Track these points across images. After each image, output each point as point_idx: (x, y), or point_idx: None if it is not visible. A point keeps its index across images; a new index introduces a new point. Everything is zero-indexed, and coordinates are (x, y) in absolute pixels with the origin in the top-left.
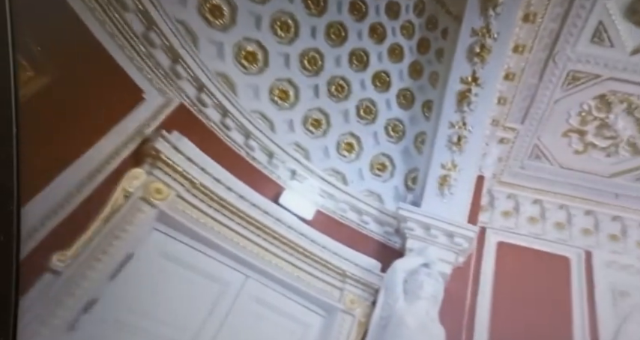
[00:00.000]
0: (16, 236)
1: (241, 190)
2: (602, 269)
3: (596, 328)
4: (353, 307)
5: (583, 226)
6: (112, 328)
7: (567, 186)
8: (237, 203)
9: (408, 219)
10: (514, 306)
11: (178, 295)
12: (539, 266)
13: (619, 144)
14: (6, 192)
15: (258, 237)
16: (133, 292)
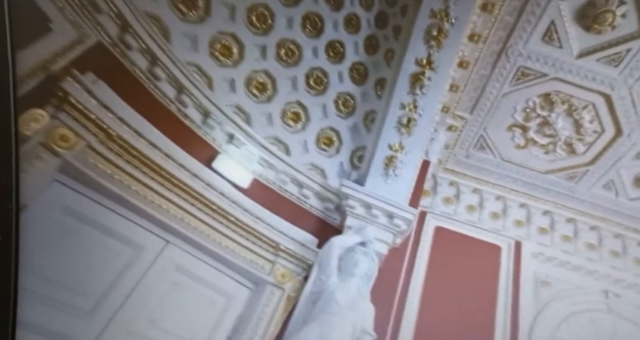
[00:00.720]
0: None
1: (168, 148)
2: (528, 260)
3: (517, 313)
4: (283, 281)
5: (516, 218)
6: None
7: (506, 178)
8: (162, 162)
9: (350, 196)
10: (445, 289)
11: (80, 255)
12: (472, 252)
13: (557, 143)
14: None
15: (185, 201)
16: (25, 249)
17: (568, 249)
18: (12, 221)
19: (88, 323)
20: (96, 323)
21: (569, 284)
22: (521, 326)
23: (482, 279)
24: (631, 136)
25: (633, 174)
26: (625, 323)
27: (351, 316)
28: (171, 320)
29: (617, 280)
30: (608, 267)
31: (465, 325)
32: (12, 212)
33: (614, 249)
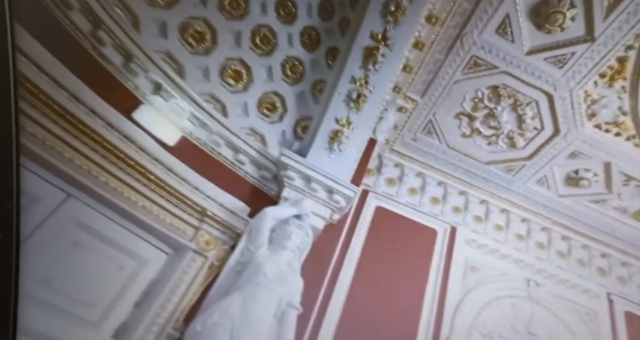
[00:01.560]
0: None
1: (77, 89)
2: (461, 245)
3: (445, 295)
4: (207, 248)
5: (455, 204)
6: None
7: (449, 165)
8: (68, 104)
9: (290, 167)
10: (378, 269)
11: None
12: (409, 234)
13: (500, 135)
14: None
15: (94, 152)
16: None
17: (499, 238)
18: (12, 220)
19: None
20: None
21: (495, 271)
22: (447, 307)
23: (416, 261)
24: (567, 137)
25: (565, 172)
26: (542, 310)
27: (279, 289)
28: (67, 282)
29: (540, 270)
30: (532, 258)
31: (394, 305)
32: (12, 211)
33: (540, 241)
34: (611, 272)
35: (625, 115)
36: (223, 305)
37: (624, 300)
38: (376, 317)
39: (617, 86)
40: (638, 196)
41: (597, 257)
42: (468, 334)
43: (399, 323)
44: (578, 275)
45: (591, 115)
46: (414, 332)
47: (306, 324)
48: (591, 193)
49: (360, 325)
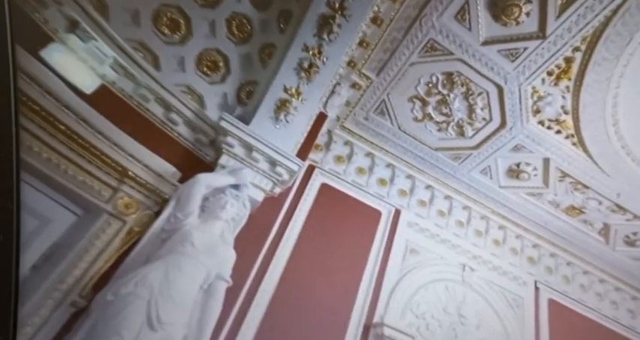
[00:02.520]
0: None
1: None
2: (404, 228)
3: (383, 275)
4: (127, 212)
5: (401, 187)
6: None
7: (399, 148)
8: None
9: (230, 133)
10: (319, 247)
11: None
12: (353, 214)
13: (450, 122)
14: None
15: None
16: None
17: (440, 223)
18: (13, 221)
19: None
20: None
21: (434, 255)
22: (384, 288)
23: (358, 241)
24: (512, 130)
25: (507, 164)
26: (473, 294)
27: (207, 260)
28: None
29: (475, 256)
30: (469, 244)
31: (331, 283)
32: (13, 212)
33: (478, 229)
34: (540, 261)
35: (567, 114)
36: (141, 273)
37: (549, 288)
38: (312, 295)
39: (562, 85)
40: (571, 193)
41: (529, 248)
42: (401, 314)
43: (334, 301)
44: (510, 263)
45: (536, 111)
46: (349, 310)
47: (236, 298)
48: (529, 186)
49: (294, 301)
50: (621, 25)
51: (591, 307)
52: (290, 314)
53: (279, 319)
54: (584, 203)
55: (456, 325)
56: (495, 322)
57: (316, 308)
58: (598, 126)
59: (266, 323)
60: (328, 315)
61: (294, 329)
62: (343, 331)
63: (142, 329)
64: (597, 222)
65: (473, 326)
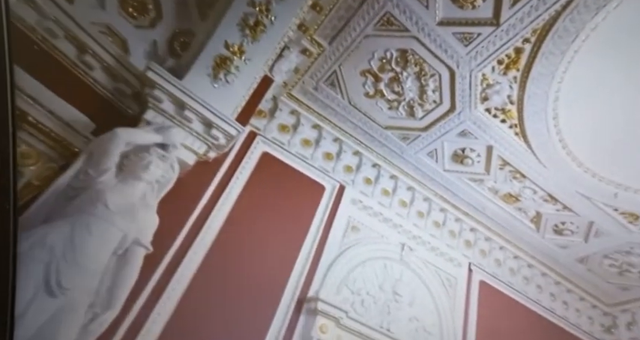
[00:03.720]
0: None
1: None
2: (347, 204)
3: (322, 251)
4: (24, 163)
5: (347, 163)
6: None
7: (348, 123)
8: None
9: (159, 86)
10: (255, 218)
11: None
12: (295, 186)
13: (401, 102)
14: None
15: None
16: None
17: (384, 202)
18: (9, 221)
19: None
20: None
21: (375, 233)
22: (322, 263)
23: (298, 215)
24: (460, 115)
25: (453, 149)
26: (409, 273)
27: (123, 224)
28: None
29: (415, 236)
30: (411, 224)
31: (267, 256)
32: (9, 212)
33: (420, 210)
34: (476, 245)
35: (512, 104)
36: (38, 233)
37: (482, 271)
38: (243, 268)
39: (510, 75)
40: (510, 181)
41: (467, 231)
42: (337, 289)
43: (268, 274)
44: (448, 245)
45: (484, 99)
46: (283, 284)
47: (157, 267)
48: (472, 172)
49: (223, 274)
50: (569, 21)
51: (518, 290)
52: (217, 287)
53: (205, 291)
54: (520, 191)
55: (390, 302)
56: (428, 300)
57: (247, 282)
58: (539, 119)
59: (190, 296)
60: (260, 289)
61: (220, 302)
62: (275, 305)
63: (37, 295)
64: (531, 210)
65: (406, 304)
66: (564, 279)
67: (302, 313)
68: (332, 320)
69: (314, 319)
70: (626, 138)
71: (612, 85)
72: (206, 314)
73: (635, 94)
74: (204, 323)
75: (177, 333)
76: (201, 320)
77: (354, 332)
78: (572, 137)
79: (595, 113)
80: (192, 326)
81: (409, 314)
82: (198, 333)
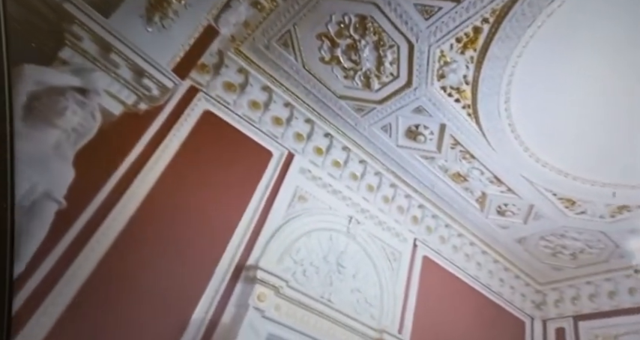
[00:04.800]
0: (10, 233)
1: None
2: (295, 173)
3: (265, 219)
4: None
5: (298, 130)
6: None
7: (301, 88)
8: None
9: (78, 22)
10: (194, 179)
11: None
12: (240, 150)
13: (357, 71)
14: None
15: None
16: None
17: (334, 174)
18: (7, 220)
19: None
20: None
21: (323, 204)
22: (264, 231)
23: (241, 180)
24: (416, 91)
25: (407, 125)
26: (355, 246)
27: (33, 174)
28: None
29: (364, 210)
30: (360, 198)
31: (203, 221)
32: (7, 210)
33: (371, 184)
34: (423, 221)
35: (467, 84)
36: None
37: (426, 247)
38: (177, 231)
39: (468, 55)
40: (459, 161)
41: (415, 207)
42: (279, 259)
43: (204, 240)
44: (395, 220)
45: (441, 76)
46: (221, 251)
47: (72, 225)
48: (424, 149)
49: (153, 236)
50: (527, 5)
51: (459, 266)
52: (144, 251)
53: (130, 254)
54: (468, 172)
55: (333, 273)
56: (372, 273)
57: (179, 247)
58: (492, 101)
59: (111, 259)
60: (195, 255)
61: (146, 267)
62: (210, 272)
63: None
64: (477, 190)
65: (350, 276)
66: (502, 258)
67: (239, 281)
68: (271, 289)
69: (252, 287)
70: (570, 127)
71: (563, 74)
72: (129, 279)
73: (584, 85)
74: (126, 289)
75: (95, 299)
76: (122, 285)
77: (294, 301)
78: (521, 122)
79: (544, 100)
80: (112, 293)
81: (352, 286)
82: (118, 301)
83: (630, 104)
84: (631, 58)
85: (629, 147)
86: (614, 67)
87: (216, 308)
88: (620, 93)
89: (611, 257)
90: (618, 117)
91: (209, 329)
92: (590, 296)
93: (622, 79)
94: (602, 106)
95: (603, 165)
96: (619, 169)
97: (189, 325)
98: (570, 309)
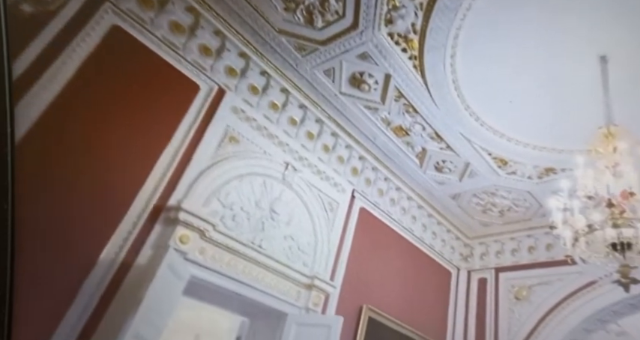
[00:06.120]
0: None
1: None
2: (226, 111)
3: (191, 159)
4: None
5: (230, 64)
6: None
7: (235, 15)
8: None
9: None
10: (98, 104)
11: None
12: (158, 77)
13: (299, 4)
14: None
15: None
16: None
17: (271, 117)
18: (7, 221)
19: None
20: None
21: (257, 148)
22: (189, 171)
23: (160, 113)
24: (362, 35)
25: (351, 71)
26: (290, 193)
27: None
28: None
29: (302, 157)
30: (299, 145)
31: (113, 153)
32: (8, 212)
33: (311, 131)
34: (362, 173)
35: (415, 34)
36: None
37: (364, 198)
38: (77, 164)
39: (417, 1)
40: (402, 114)
41: (355, 159)
42: (206, 201)
43: (116, 176)
44: (334, 170)
45: (388, 21)
46: (135, 189)
47: None
48: (367, 99)
49: (44, 165)
50: None
51: (395, 219)
52: (36, 180)
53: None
54: (410, 126)
55: (265, 219)
56: (306, 221)
57: (82, 182)
58: (438, 55)
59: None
60: (105, 191)
61: (39, 203)
62: (122, 210)
63: None
64: (418, 145)
65: (283, 223)
66: (436, 212)
67: (158, 222)
68: (195, 232)
69: (173, 229)
70: (511, 89)
71: (509, 35)
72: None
73: (529, 48)
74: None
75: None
76: None
77: (221, 245)
78: (464, 79)
79: (489, 60)
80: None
81: (285, 233)
82: None
83: (570, 71)
84: (572, 21)
85: (562, 113)
86: (557, 30)
87: (130, 249)
88: (562, 58)
89: (535, 215)
90: (556, 83)
91: (121, 269)
92: (513, 250)
93: (565, 43)
94: (542, 71)
95: (537, 129)
96: (550, 134)
97: (96, 265)
98: (493, 262)
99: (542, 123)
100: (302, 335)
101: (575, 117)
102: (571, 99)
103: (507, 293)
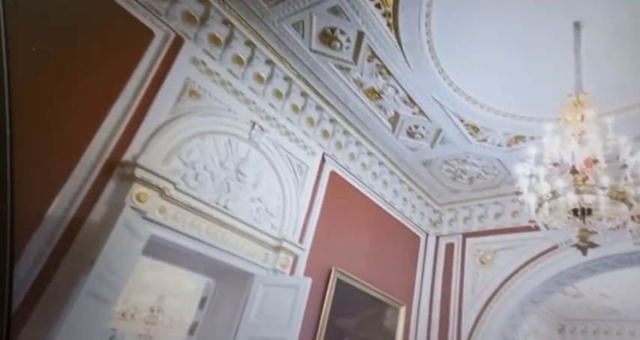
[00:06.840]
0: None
1: None
2: (185, 63)
3: (145, 113)
4: None
5: (188, 10)
6: None
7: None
8: None
9: None
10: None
11: None
12: (107, 22)
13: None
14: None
15: None
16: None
17: (236, 72)
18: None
19: None
20: None
21: (220, 104)
22: (145, 125)
23: (108, 60)
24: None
25: (322, 26)
26: (258, 154)
27: None
28: None
29: (269, 117)
30: (266, 104)
31: (54, 102)
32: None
33: (279, 89)
34: (333, 136)
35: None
36: None
37: (334, 162)
38: (22, 120)
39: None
40: (375, 76)
41: (326, 121)
42: (166, 158)
43: (62, 127)
44: (304, 132)
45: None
46: (84, 144)
47: None
48: (339, 58)
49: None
50: None
51: (365, 183)
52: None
53: None
54: (383, 88)
55: (231, 180)
56: (275, 183)
57: (26, 133)
58: (413, 13)
59: None
60: (46, 144)
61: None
62: (70, 164)
63: None
64: (390, 109)
65: (250, 184)
66: (407, 178)
67: (112, 178)
68: (154, 190)
69: (129, 186)
70: (485, 54)
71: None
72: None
73: (508, 11)
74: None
75: None
76: None
77: (183, 204)
78: (439, 41)
79: (464, 21)
80: None
81: (252, 195)
82: None
83: (544, 37)
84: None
85: (535, 81)
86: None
87: (82, 205)
88: (537, 23)
89: (503, 183)
90: (531, 49)
91: (72, 226)
92: (480, 216)
93: (541, 8)
94: (517, 36)
95: (509, 97)
96: (523, 102)
97: (42, 221)
98: (461, 227)
99: (515, 91)
100: (269, 295)
101: (547, 84)
102: (544, 67)
103: (473, 258)
